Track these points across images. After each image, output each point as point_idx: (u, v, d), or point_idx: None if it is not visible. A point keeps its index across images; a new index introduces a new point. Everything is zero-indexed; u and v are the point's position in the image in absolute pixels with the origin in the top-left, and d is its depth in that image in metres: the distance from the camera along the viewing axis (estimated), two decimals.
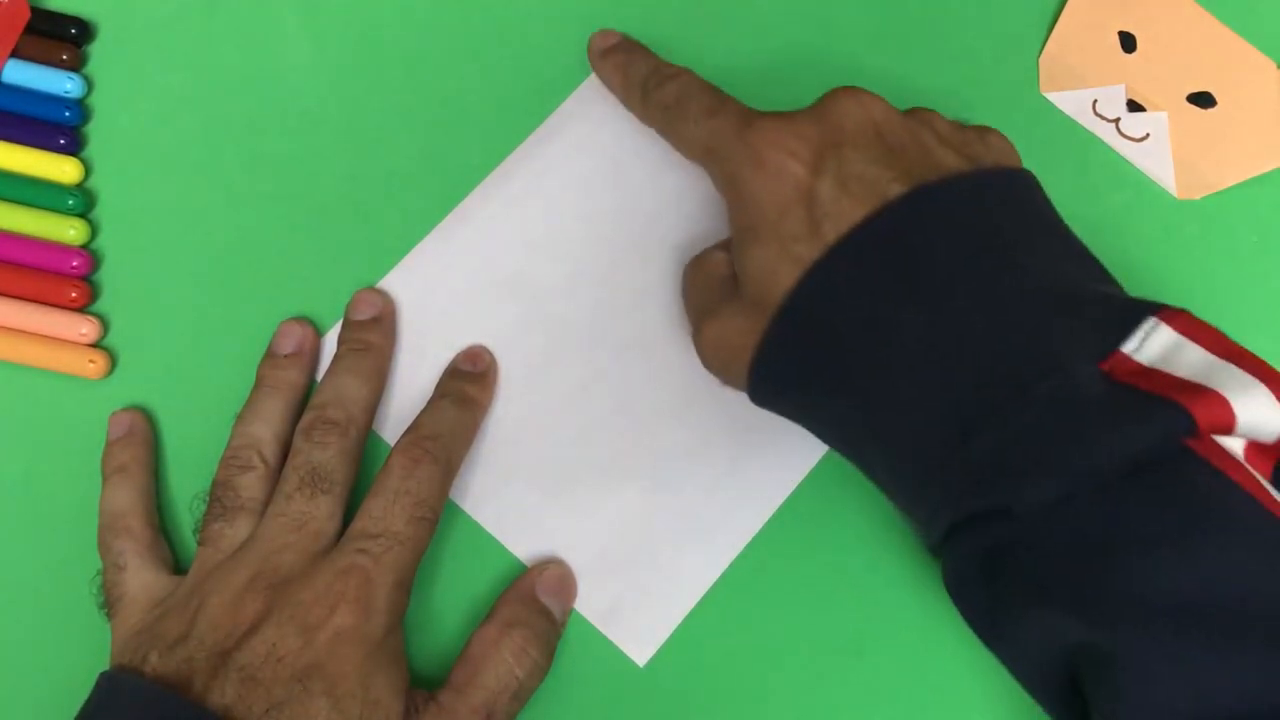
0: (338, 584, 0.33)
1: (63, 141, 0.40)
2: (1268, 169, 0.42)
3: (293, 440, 0.36)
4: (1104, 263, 0.41)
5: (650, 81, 0.38)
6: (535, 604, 0.36)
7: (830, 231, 0.31)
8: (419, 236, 0.40)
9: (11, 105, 0.40)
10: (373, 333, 0.38)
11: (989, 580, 0.30)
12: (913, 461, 0.30)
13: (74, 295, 0.39)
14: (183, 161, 0.41)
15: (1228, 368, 0.29)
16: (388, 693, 0.32)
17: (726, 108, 0.35)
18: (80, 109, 0.41)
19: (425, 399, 0.38)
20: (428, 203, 0.41)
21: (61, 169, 0.40)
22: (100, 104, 0.41)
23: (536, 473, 0.38)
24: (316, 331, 0.39)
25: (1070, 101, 0.42)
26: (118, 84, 0.42)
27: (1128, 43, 0.43)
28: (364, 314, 0.39)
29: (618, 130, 0.41)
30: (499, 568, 0.37)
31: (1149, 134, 0.42)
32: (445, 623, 0.37)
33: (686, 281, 0.37)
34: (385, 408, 0.38)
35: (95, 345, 0.39)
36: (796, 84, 0.42)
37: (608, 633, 0.37)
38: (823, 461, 0.38)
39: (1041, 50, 0.43)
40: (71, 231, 0.39)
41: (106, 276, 0.40)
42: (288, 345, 0.38)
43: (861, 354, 0.31)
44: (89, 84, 0.41)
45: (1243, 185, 0.42)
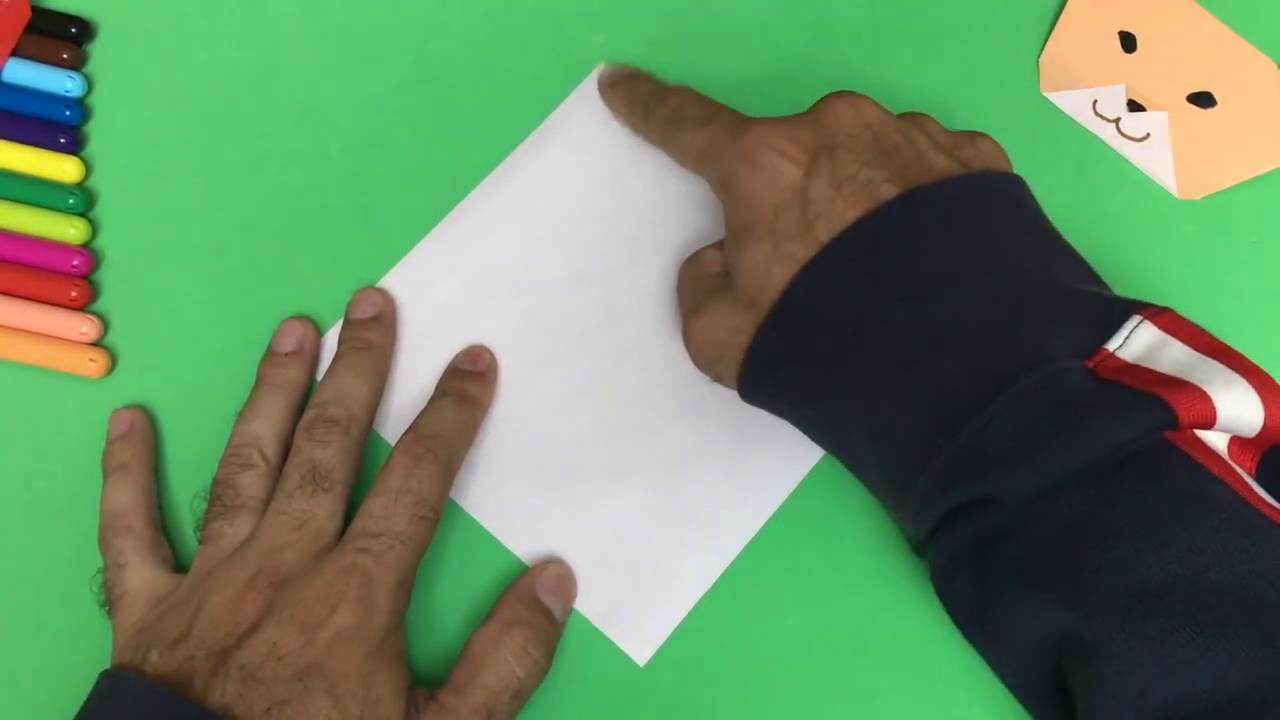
0: (339, 583, 0.33)
1: (63, 141, 0.40)
2: (1268, 169, 0.42)
3: (294, 439, 0.36)
4: (1104, 263, 0.41)
5: (651, 100, 0.39)
6: (536, 604, 0.36)
7: (823, 231, 0.32)
8: (419, 236, 0.40)
9: (12, 104, 0.40)
10: (373, 331, 0.38)
11: (975, 571, 0.31)
12: (901, 455, 0.31)
13: (74, 294, 0.39)
14: (183, 161, 0.41)
15: (1209, 363, 0.30)
16: (389, 692, 0.32)
17: (722, 115, 0.36)
18: (80, 108, 0.41)
19: (425, 398, 0.38)
20: (428, 203, 0.41)
21: (61, 168, 0.40)
22: (100, 104, 0.41)
23: (536, 473, 0.38)
24: (317, 330, 0.39)
25: (1070, 101, 0.42)
26: (118, 84, 0.42)
27: (1128, 43, 0.43)
28: (364, 313, 0.39)
29: (617, 131, 0.41)
30: (499, 568, 0.37)
31: (1149, 134, 0.42)
32: (445, 622, 0.37)
33: (679, 279, 0.38)
34: (385, 407, 0.38)
35: (95, 344, 0.39)
36: (796, 84, 0.42)
37: (608, 633, 0.37)
38: (823, 461, 0.38)
39: (1041, 50, 0.43)
40: (71, 231, 0.39)
41: (106, 276, 0.40)
42: (288, 344, 0.38)
43: (851, 350, 0.31)
44: (89, 83, 0.41)
45: (1243, 185, 0.42)
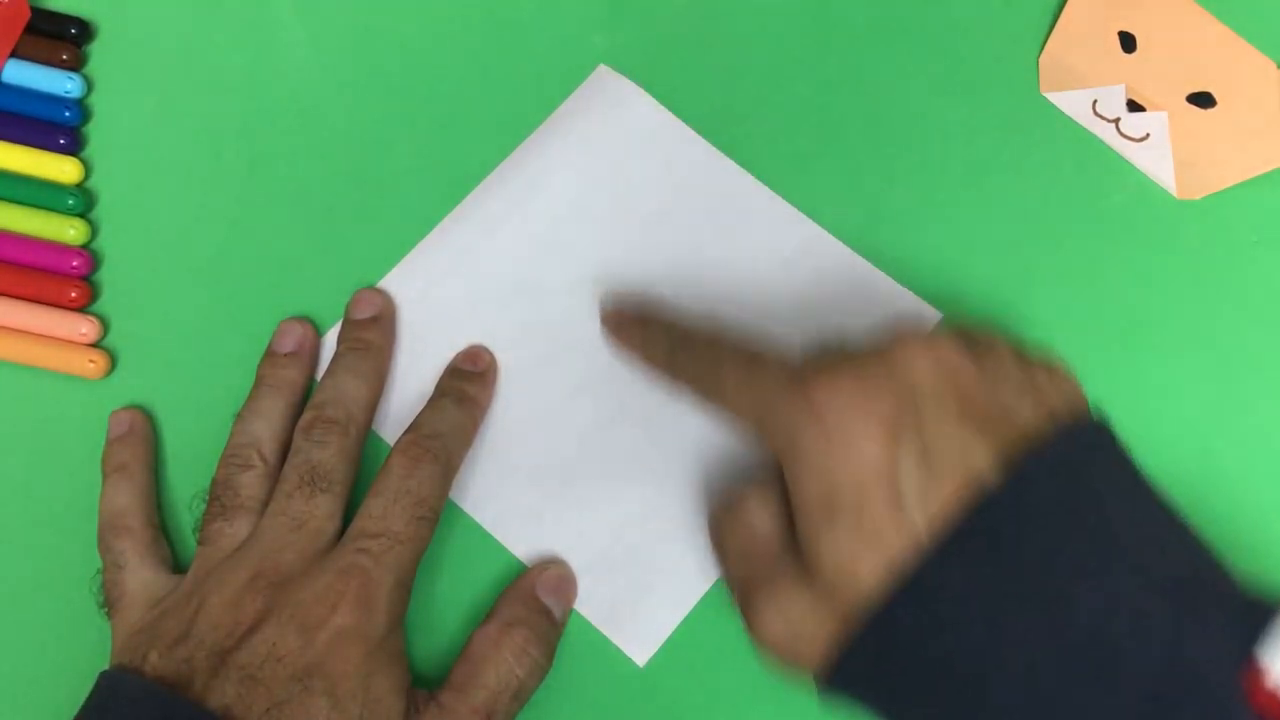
0: (338, 583, 0.33)
1: (63, 141, 0.40)
2: (1268, 169, 0.42)
3: (293, 439, 0.36)
4: (1104, 263, 0.41)
5: (676, 354, 0.35)
6: (536, 603, 0.36)
7: (919, 517, 0.28)
8: (419, 236, 0.40)
9: (11, 105, 0.40)
10: (372, 332, 0.38)
11: None
12: None
13: (74, 295, 0.39)
14: (183, 161, 0.41)
15: None
16: (388, 692, 0.32)
17: (765, 367, 0.32)
18: (80, 109, 0.41)
19: (425, 399, 0.38)
20: (428, 203, 0.41)
21: (61, 169, 0.40)
22: (100, 104, 0.41)
23: (536, 473, 0.38)
24: (316, 331, 0.39)
25: (1070, 101, 0.42)
26: (118, 84, 0.42)
27: (1128, 43, 0.43)
28: (364, 313, 0.39)
29: (617, 130, 0.41)
30: (499, 568, 0.37)
31: (1149, 134, 0.42)
32: (445, 622, 0.37)
33: (721, 539, 0.34)
34: (385, 407, 0.38)
35: (95, 345, 0.39)
36: (797, 84, 0.42)
37: (608, 633, 0.37)
38: None
39: (1041, 50, 0.43)
40: (71, 231, 0.39)
41: (106, 276, 0.40)
42: (287, 344, 0.38)
43: (969, 668, 0.28)
44: (89, 84, 0.41)
45: (1243, 185, 0.42)
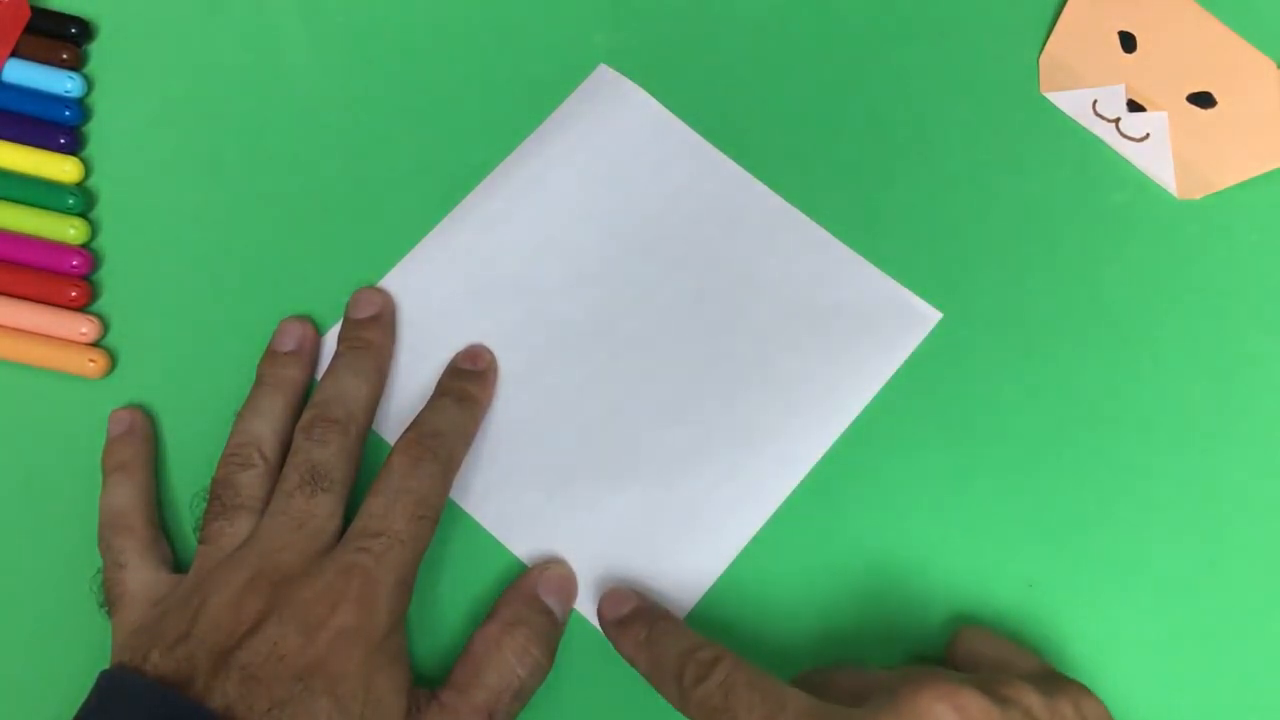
0: (339, 583, 0.33)
1: (63, 141, 0.40)
2: (1268, 169, 0.42)
3: (293, 438, 0.36)
4: (1105, 263, 0.41)
5: (687, 672, 0.32)
6: (537, 603, 0.36)
7: None
8: (419, 236, 0.40)
9: (11, 104, 0.40)
10: (372, 331, 0.38)
11: None
12: None
13: (74, 295, 0.39)
14: (183, 161, 0.41)
15: None
16: (390, 691, 0.32)
17: (786, 712, 0.30)
18: (80, 109, 0.41)
19: (425, 398, 0.38)
20: (428, 203, 0.41)
21: (61, 168, 0.40)
22: (100, 104, 0.41)
23: (536, 473, 0.38)
24: (316, 330, 0.39)
25: (1070, 101, 0.42)
26: (118, 84, 0.42)
27: (1128, 43, 0.43)
28: (364, 312, 0.39)
29: (617, 130, 0.41)
30: (499, 568, 0.37)
31: (1149, 134, 0.42)
32: (446, 622, 0.37)
33: None
34: (385, 407, 0.38)
35: (95, 345, 0.39)
36: (797, 84, 0.42)
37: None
38: (823, 461, 0.38)
39: (1041, 50, 0.43)
40: (71, 231, 0.39)
41: (106, 276, 0.40)
42: (288, 343, 0.38)
43: None
44: (89, 84, 0.41)
45: (1243, 185, 0.42)
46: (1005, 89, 0.43)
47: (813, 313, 0.40)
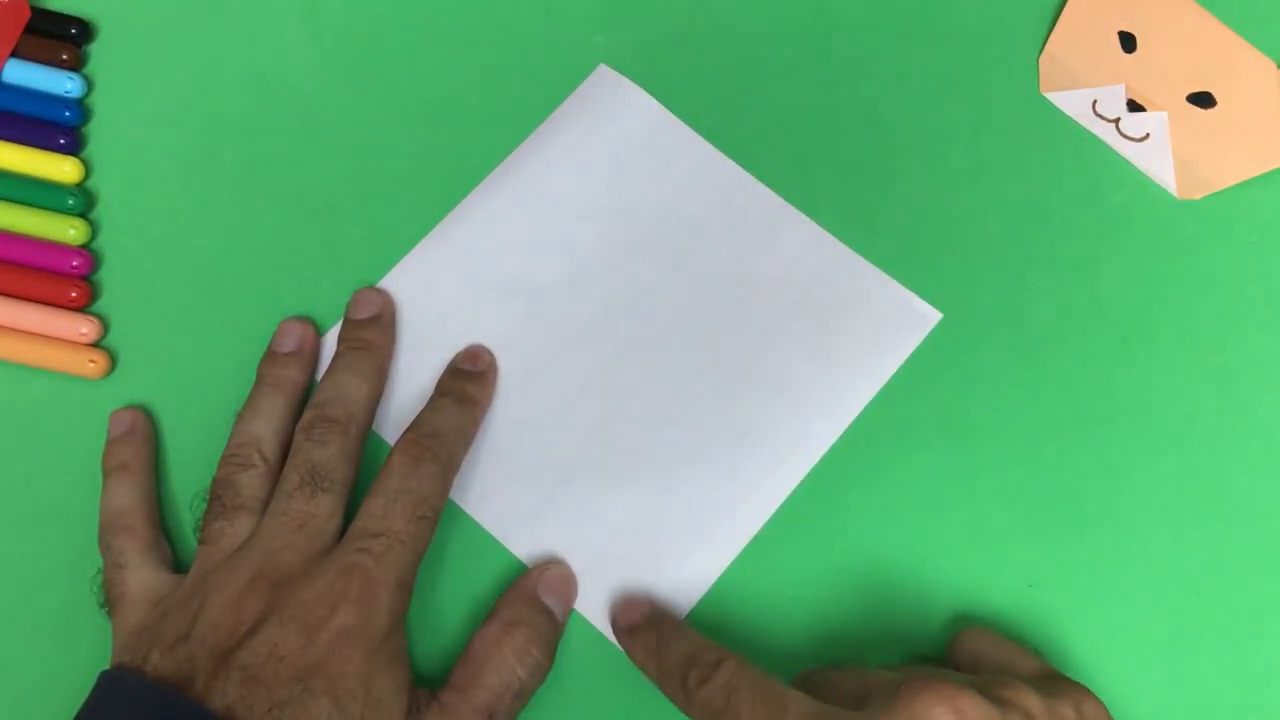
0: (339, 583, 0.33)
1: (63, 141, 0.40)
2: (1268, 169, 0.42)
3: (293, 439, 0.36)
4: (1104, 263, 0.41)
5: (692, 674, 0.33)
6: (537, 604, 0.36)
7: None
8: (419, 236, 0.40)
9: (11, 105, 0.40)
10: (372, 331, 0.38)
11: None
12: None
13: (74, 295, 0.39)
14: (183, 161, 0.41)
15: None
16: (390, 692, 0.32)
17: (787, 714, 0.30)
18: (80, 109, 0.41)
19: (425, 398, 0.38)
20: (428, 203, 0.41)
21: (61, 169, 0.40)
22: (100, 104, 0.41)
23: (536, 473, 0.38)
24: (317, 330, 0.39)
25: (1070, 101, 0.42)
26: (118, 84, 0.42)
27: (1128, 43, 0.43)
28: (364, 313, 0.39)
29: (617, 130, 0.41)
30: (499, 568, 0.37)
31: (1149, 134, 0.42)
32: (446, 622, 0.37)
33: None
34: (385, 407, 0.38)
35: (95, 345, 0.39)
36: (797, 84, 0.42)
37: (608, 632, 0.37)
38: (823, 461, 0.38)
39: (1041, 50, 0.43)
40: (71, 231, 0.39)
41: (106, 276, 0.40)
42: (288, 344, 0.38)
43: None
44: (89, 84, 0.41)
45: (1243, 185, 0.42)
46: (1005, 89, 0.43)
47: (812, 313, 0.40)
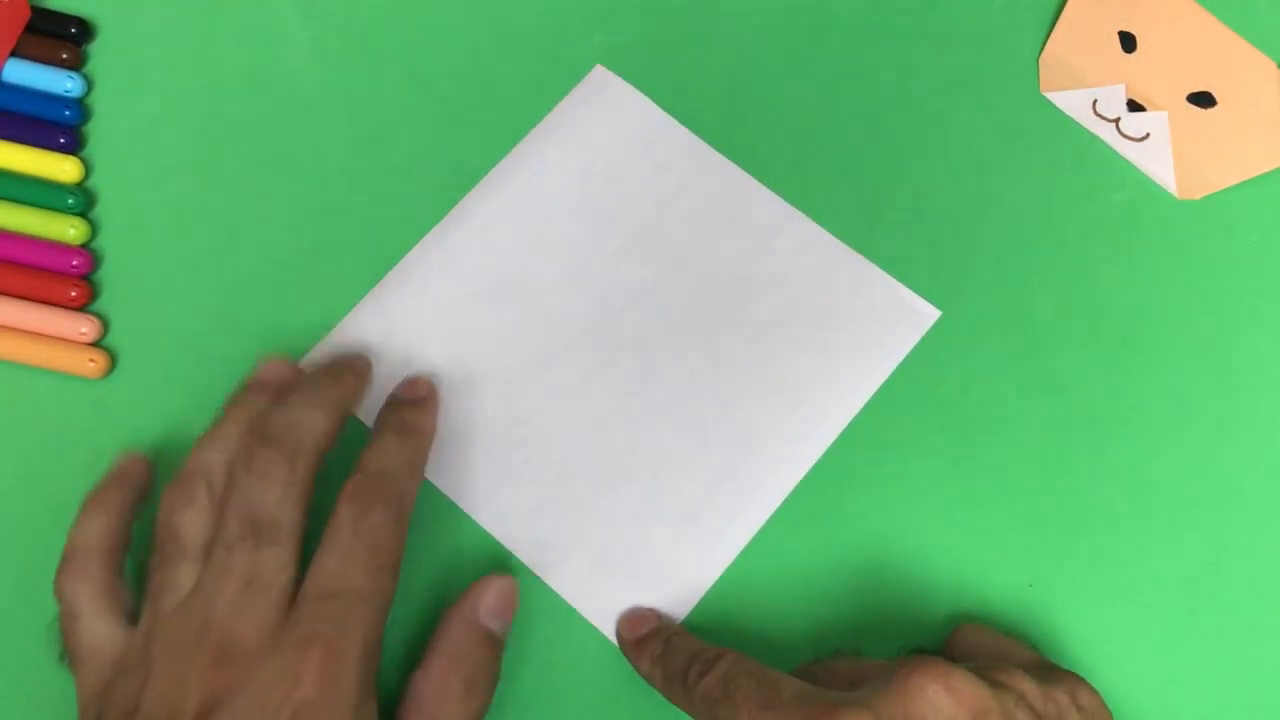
0: (298, 658, 0.29)
1: (63, 141, 0.40)
2: (1268, 169, 0.42)
3: (233, 471, 0.32)
4: (1104, 263, 0.41)
5: (691, 672, 0.33)
6: (478, 630, 0.34)
7: None
8: (418, 236, 0.40)
9: (11, 104, 0.40)
10: (347, 375, 0.36)
11: None
12: None
13: (74, 294, 0.39)
14: (183, 161, 0.41)
15: None
16: None
17: (782, 698, 0.30)
18: (80, 108, 0.41)
19: None
20: (426, 203, 0.41)
21: (61, 168, 0.40)
22: (100, 104, 0.41)
23: (536, 473, 0.38)
24: (298, 370, 0.37)
25: (1070, 101, 0.42)
26: (118, 84, 0.42)
27: (1128, 43, 0.43)
28: (344, 361, 0.37)
29: (615, 130, 0.41)
30: (500, 568, 0.37)
31: (1149, 134, 0.42)
32: None
33: None
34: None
35: (95, 345, 0.39)
36: (797, 84, 0.42)
37: (608, 633, 0.37)
38: (822, 461, 0.38)
39: (1041, 50, 0.43)
40: (71, 231, 0.39)
41: (106, 276, 0.40)
42: (266, 376, 0.36)
43: None
44: (89, 84, 0.41)
45: (1243, 185, 0.42)
46: (1005, 89, 0.43)
47: (811, 312, 0.40)
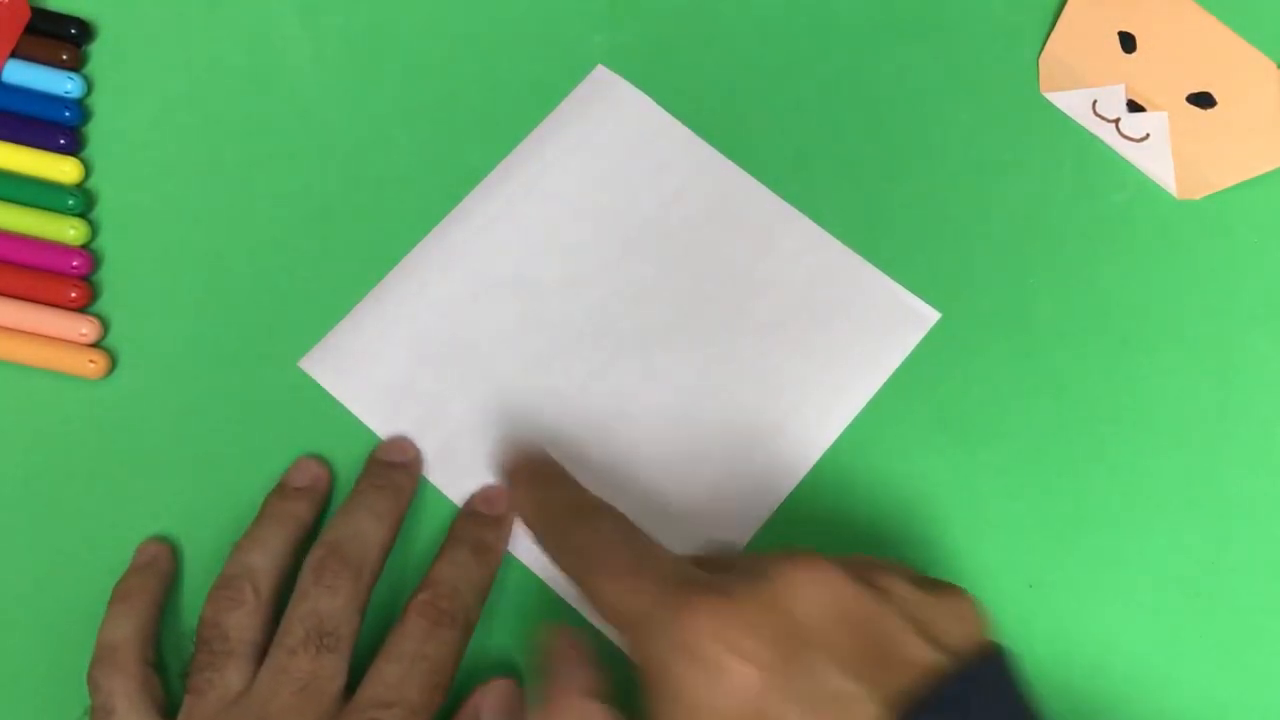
0: None
1: (63, 141, 0.40)
2: (1268, 169, 0.42)
3: (299, 579, 0.34)
4: (1104, 263, 0.41)
5: (567, 519, 0.33)
6: None
7: None
8: (418, 236, 0.40)
9: (11, 105, 0.40)
10: (401, 475, 0.36)
11: None
12: None
13: (74, 295, 0.39)
14: (183, 161, 0.41)
15: None
16: None
17: (651, 568, 0.30)
18: (80, 109, 0.41)
19: (426, 407, 0.38)
20: (427, 203, 0.41)
21: (61, 169, 0.40)
22: (100, 104, 0.41)
23: None
24: (331, 473, 0.37)
25: (1070, 101, 0.42)
26: (118, 84, 0.42)
27: (1128, 43, 0.43)
28: (395, 456, 0.37)
29: (616, 130, 0.41)
30: (501, 570, 0.37)
31: (1149, 134, 0.42)
32: None
33: None
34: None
35: (95, 345, 0.39)
36: (797, 84, 0.42)
37: (609, 632, 0.37)
38: (821, 461, 0.38)
39: (1041, 50, 0.43)
40: (71, 231, 0.39)
41: (106, 276, 0.40)
42: (300, 479, 0.37)
43: None
44: (89, 84, 0.41)
45: (1243, 185, 0.42)
46: (1005, 89, 0.43)
47: (811, 312, 0.40)
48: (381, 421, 0.38)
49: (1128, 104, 0.42)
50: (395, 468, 0.37)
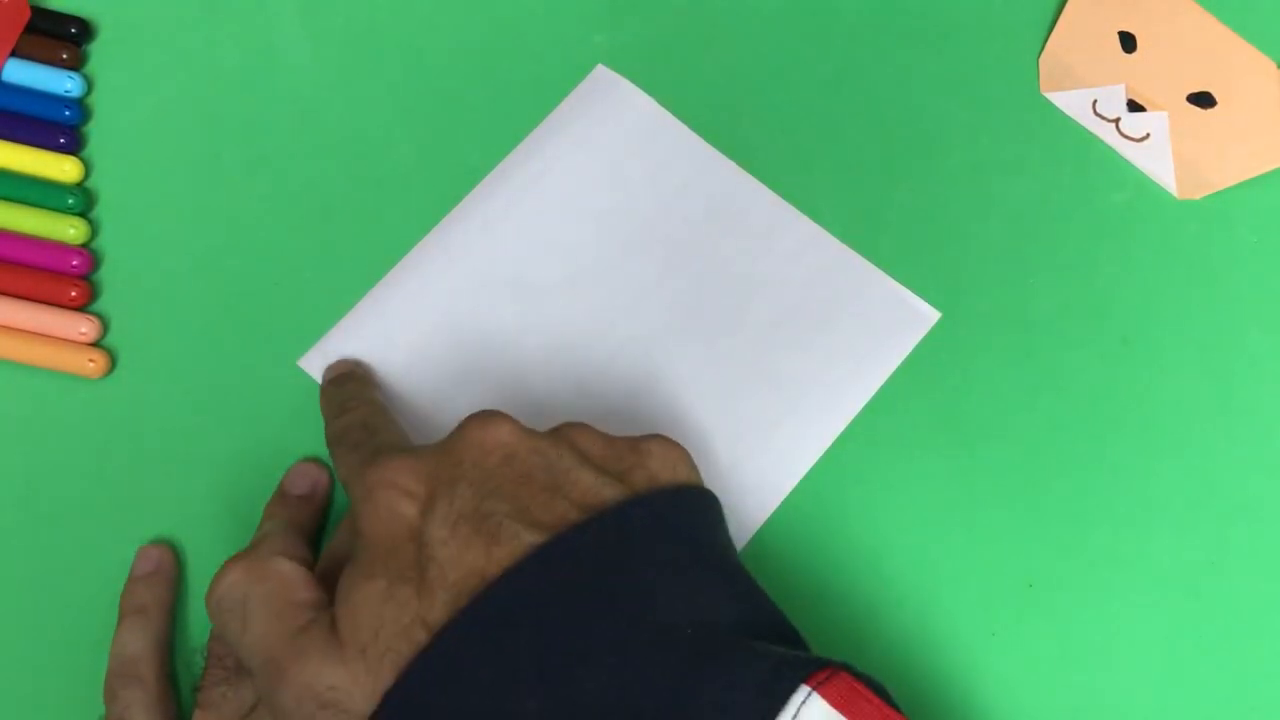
0: None
1: (63, 141, 0.40)
2: (1268, 169, 0.42)
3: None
4: (1104, 263, 0.41)
5: (335, 407, 0.35)
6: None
7: (437, 578, 0.27)
8: (418, 236, 0.40)
9: (11, 104, 0.40)
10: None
11: None
12: None
13: (74, 294, 0.39)
14: (183, 161, 0.41)
15: None
16: None
17: (369, 443, 0.32)
18: (80, 108, 0.41)
19: (432, 404, 0.38)
20: (427, 203, 0.41)
21: (61, 168, 0.40)
22: (100, 104, 0.41)
23: None
24: (331, 476, 0.38)
25: (1070, 101, 0.42)
26: (118, 84, 0.42)
27: (1128, 43, 0.43)
28: (299, 488, 0.37)
29: (616, 130, 0.41)
30: None
31: (1149, 134, 0.42)
32: None
33: (247, 596, 0.30)
34: (396, 407, 0.38)
35: (95, 345, 0.39)
36: (796, 84, 0.42)
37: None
38: (821, 461, 0.38)
39: (1041, 50, 0.43)
40: (71, 231, 0.39)
41: (106, 276, 0.40)
42: (300, 486, 0.37)
43: None
44: (89, 84, 0.41)
45: (1243, 185, 0.42)
46: (1005, 89, 0.43)
47: (811, 312, 0.40)
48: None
49: (1128, 104, 0.42)
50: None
